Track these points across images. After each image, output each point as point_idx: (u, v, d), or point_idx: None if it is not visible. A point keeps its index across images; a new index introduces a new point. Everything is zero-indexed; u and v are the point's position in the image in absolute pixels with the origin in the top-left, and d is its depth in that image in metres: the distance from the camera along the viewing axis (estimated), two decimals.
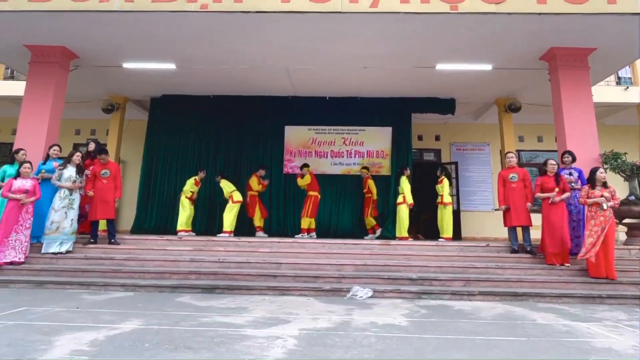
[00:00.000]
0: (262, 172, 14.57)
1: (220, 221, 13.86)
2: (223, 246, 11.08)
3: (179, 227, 13.41)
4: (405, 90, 14.93)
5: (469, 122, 18.16)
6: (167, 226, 15.19)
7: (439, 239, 12.96)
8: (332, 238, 13.45)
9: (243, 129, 16.26)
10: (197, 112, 16.28)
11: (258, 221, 14.42)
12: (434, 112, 15.94)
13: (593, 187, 9.43)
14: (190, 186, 13.91)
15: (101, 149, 11.62)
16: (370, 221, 14.63)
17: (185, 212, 13.66)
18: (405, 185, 13.33)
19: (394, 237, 13.32)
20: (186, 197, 13.76)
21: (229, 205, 13.47)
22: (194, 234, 13.61)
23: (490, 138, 17.94)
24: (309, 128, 16.55)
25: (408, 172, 13.64)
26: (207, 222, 15.30)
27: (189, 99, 15.99)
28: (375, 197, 14.67)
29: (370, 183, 14.69)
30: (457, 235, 15.02)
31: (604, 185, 9.45)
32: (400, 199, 13.34)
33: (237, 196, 13.63)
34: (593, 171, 9.58)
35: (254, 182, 14.31)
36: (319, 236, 13.76)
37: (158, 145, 16.22)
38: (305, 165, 14.43)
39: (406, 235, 12.97)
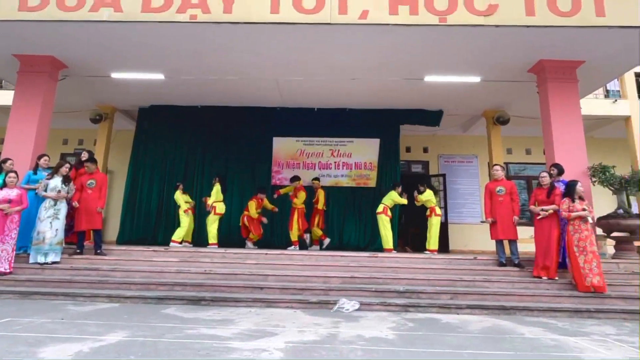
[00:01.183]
0: (262, 196, 14.46)
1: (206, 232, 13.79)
2: (209, 257, 11.01)
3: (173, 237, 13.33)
4: (394, 101, 14.96)
5: (457, 134, 18.22)
6: (152, 237, 15.16)
7: (425, 251, 12.97)
8: (318, 250, 13.48)
9: (231, 140, 16.21)
10: (185, 122, 16.22)
11: (252, 234, 14.26)
12: (422, 124, 16.01)
13: (572, 200, 9.48)
14: (184, 199, 13.96)
15: (90, 158, 11.60)
16: (317, 232, 14.51)
17: (183, 224, 13.63)
18: (395, 198, 13.32)
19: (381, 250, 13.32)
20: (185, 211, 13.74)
21: (211, 217, 13.43)
22: (191, 245, 13.58)
23: (479, 150, 18.01)
24: (297, 139, 16.53)
25: (399, 189, 13.61)
26: (197, 233, 15.11)
27: (176, 109, 15.99)
28: (322, 207, 14.54)
29: (320, 193, 14.53)
30: (444, 247, 15.04)
31: (581, 198, 9.52)
32: (380, 208, 13.37)
33: (220, 208, 13.54)
34: (572, 184, 9.64)
35: (253, 207, 14.09)
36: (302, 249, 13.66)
37: (145, 155, 16.15)
38: (297, 178, 14.38)
39: (390, 247, 12.98)
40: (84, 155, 11.98)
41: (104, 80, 13.41)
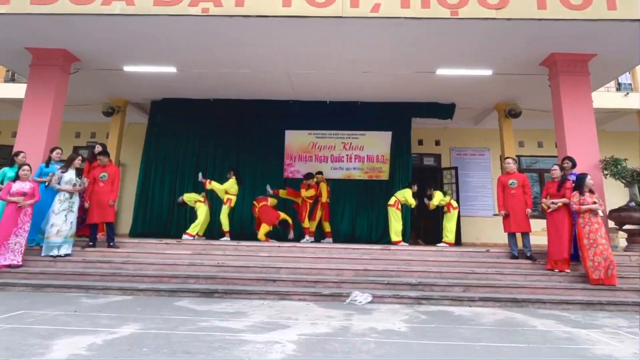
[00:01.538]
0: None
1: (219, 225, 13.81)
2: (222, 250, 11.04)
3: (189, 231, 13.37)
4: (406, 95, 14.94)
5: (469, 127, 18.17)
6: (164, 230, 15.24)
7: (439, 244, 12.96)
8: (334, 242, 13.49)
9: (243, 133, 16.23)
10: (197, 115, 16.23)
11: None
12: (434, 117, 15.99)
13: (582, 193, 9.45)
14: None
15: (103, 151, 11.62)
16: (325, 225, 14.52)
17: (199, 216, 13.63)
18: (407, 197, 13.33)
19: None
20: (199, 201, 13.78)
21: (225, 208, 13.62)
22: (204, 238, 13.58)
23: (491, 143, 17.94)
24: (310, 132, 16.49)
25: (415, 188, 13.60)
26: (209, 227, 15.06)
27: (189, 102, 16.01)
28: (326, 200, 14.40)
29: (323, 186, 14.35)
30: (457, 240, 14.97)
31: (591, 191, 9.49)
32: (391, 200, 13.41)
33: (233, 201, 13.66)
34: (582, 177, 9.63)
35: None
36: (318, 241, 13.69)
37: (157, 149, 16.18)
38: (310, 176, 14.22)
39: (399, 239, 12.99)
40: (98, 148, 12.00)
41: (116, 73, 13.41)
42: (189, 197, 13.73)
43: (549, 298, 8.53)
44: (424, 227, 16.87)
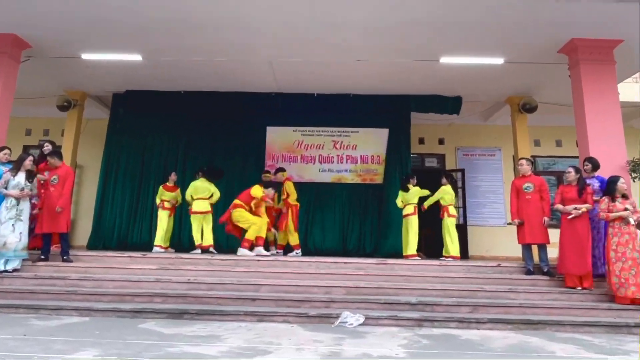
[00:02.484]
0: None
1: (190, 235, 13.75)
2: (193, 264, 10.97)
3: (155, 242, 13.47)
4: (405, 86, 14.93)
5: (477, 123, 18.17)
6: (127, 241, 15.14)
7: (441, 258, 12.91)
8: (320, 256, 13.42)
9: (218, 130, 16.19)
10: (166, 110, 16.17)
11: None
12: (437, 112, 15.94)
13: (613, 199, 9.38)
14: (161, 193, 14.02)
15: (54, 151, 11.48)
16: (293, 237, 13.72)
17: (160, 225, 13.69)
18: (419, 192, 13.31)
19: (400, 254, 13.26)
20: (160, 207, 13.79)
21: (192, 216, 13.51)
22: (172, 250, 13.59)
23: (502, 142, 17.93)
24: (295, 129, 16.49)
25: (414, 180, 13.54)
26: (174, 236, 15.05)
27: (156, 95, 15.92)
28: (295, 202, 13.91)
29: (289, 185, 13.95)
30: (463, 253, 14.95)
31: (624, 196, 9.40)
32: (410, 209, 13.31)
33: (198, 206, 13.48)
34: (613, 181, 9.51)
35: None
36: (304, 255, 13.59)
37: (120, 148, 16.09)
38: (281, 170, 14.33)
39: (414, 252, 12.96)
40: (47, 147, 11.90)
41: (73, 62, 13.30)
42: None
43: (569, 319, 8.49)
44: (425, 237, 16.83)
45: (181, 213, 14.87)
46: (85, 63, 13.44)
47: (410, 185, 13.39)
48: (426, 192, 13.43)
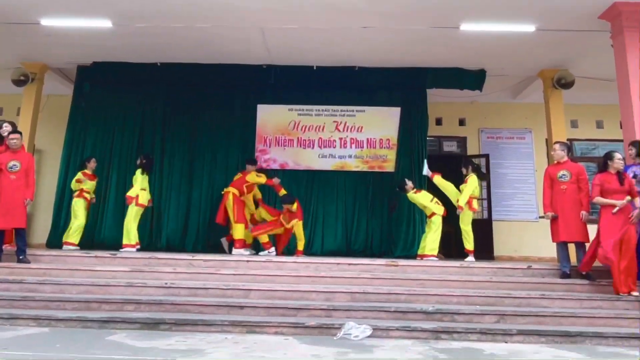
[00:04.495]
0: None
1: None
2: (171, 266, 10.97)
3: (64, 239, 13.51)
4: (419, 58, 14.86)
5: (504, 101, 18.09)
6: (94, 239, 15.02)
7: (466, 259, 12.89)
8: (321, 256, 13.42)
9: (201, 109, 16.14)
10: (140, 85, 16.13)
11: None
12: (458, 88, 15.89)
13: None
14: (75, 181, 14.05)
15: (14, 130, 11.45)
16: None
17: (74, 219, 13.69)
18: (422, 199, 13.34)
19: (413, 255, 13.30)
20: (77, 196, 13.82)
21: (133, 209, 13.41)
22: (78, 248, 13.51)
23: (533, 123, 17.88)
24: (290, 108, 16.36)
25: (410, 184, 13.68)
26: (149, 233, 15.11)
27: (128, 67, 15.81)
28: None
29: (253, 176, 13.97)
30: (488, 253, 14.93)
31: None
32: (434, 207, 13.41)
33: (143, 198, 13.47)
34: None
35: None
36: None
37: (85, 129, 16.00)
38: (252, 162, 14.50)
39: (434, 253, 13.01)
40: (6, 128, 11.83)
41: (30, 28, 13.22)
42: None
43: (612, 331, 8.46)
44: (444, 235, 16.79)
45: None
46: (45, 30, 13.32)
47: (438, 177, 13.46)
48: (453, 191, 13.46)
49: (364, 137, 16.14)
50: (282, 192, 14.00)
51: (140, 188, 13.34)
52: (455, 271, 11.05)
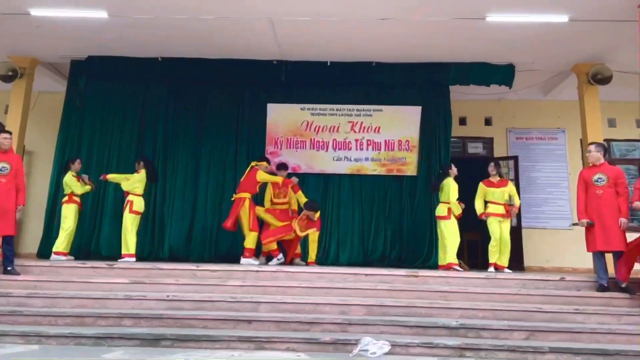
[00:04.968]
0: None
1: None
2: (174, 277, 10.99)
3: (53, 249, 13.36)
4: (442, 52, 14.86)
5: (535, 98, 18.05)
6: (90, 248, 15.05)
7: (490, 269, 12.83)
8: (335, 266, 13.39)
9: (206, 108, 16.17)
10: (139, 81, 16.13)
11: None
12: (484, 84, 15.88)
13: None
14: (72, 184, 13.86)
15: (6, 130, 11.46)
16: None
17: (63, 225, 13.58)
18: (453, 190, 13.23)
19: (435, 265, 13.29)
20: (67, 202, 13.71)
21: (129, 216, 13.37)
22: (72, 257, 13.49)
23: (567, 122, 17.80)
24: (302, 107, 16.37)
25: (455, 170, 13.50)
26: (151, 242, 15.12)
27: (127, 62, 15.81)
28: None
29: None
30: (517, 263, 14.88)
31: None
32: (443, 210, 13.32)
33: (138, 205, 13.46)
34: None
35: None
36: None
37: (80, 129, 15.95)
38: (284, 167, 14.58)
39: (455, 261, 12.96)
40: None
41: (19, 19, 13.22)
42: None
43: None
44: (468, 243, 16.71)
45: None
46: (35, 21, 13.34)
47: (450, 179, 13.38)
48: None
49: (381, 138, 16.12)
50: (300, 194, 14.00)
51: (137, 190, 13.36)
52: (481, 283, 11.04)
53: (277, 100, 16.30)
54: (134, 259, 12.98)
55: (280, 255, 13.41)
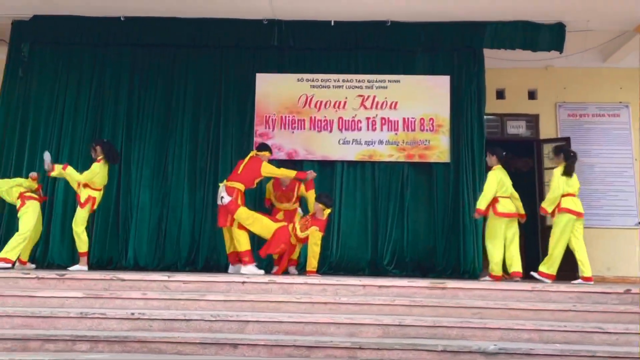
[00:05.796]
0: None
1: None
2: (140, 290, 10.89)
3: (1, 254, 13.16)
4: (474, 8, 14.76)
5: (591, 65, 17.97)
6: (38, 254, 14.89)
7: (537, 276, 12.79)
8: (337, 275, 13.33)
9: (180, 79, 16.06)
10: (98, 46, 16.03)
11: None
12: (527, 48, 15.74)
13: None
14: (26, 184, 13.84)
15: None
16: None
17: (26, 227, 13.37)
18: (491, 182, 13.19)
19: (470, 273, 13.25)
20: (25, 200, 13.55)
21: (82, 212, 13.34)
22: (33, 266, 13.51)
23: (631, 95, 17.62)
24: (300, 77, 16.22)
25: (493, 159, 13.43)
26: (111, 246, 15.08)
27: (82, 23, 15.76)
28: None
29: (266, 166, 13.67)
30: (569, 272, 14.81)
31: None
32: (482, 203, 13.26)
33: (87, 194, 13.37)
34: None
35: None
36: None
37: (25, 105, 15.87)
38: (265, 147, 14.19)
39: (499, 273, 13.00)
40: None
41: None
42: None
43: None
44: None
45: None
46: None
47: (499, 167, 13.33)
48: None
49: (399, 116, 15.92)
50: (312, 194, 13.70)
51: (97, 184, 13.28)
52: (525, 297, 10.94)
53: (268, 69, 16.16)
54: (86, 268, 12.92)
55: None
